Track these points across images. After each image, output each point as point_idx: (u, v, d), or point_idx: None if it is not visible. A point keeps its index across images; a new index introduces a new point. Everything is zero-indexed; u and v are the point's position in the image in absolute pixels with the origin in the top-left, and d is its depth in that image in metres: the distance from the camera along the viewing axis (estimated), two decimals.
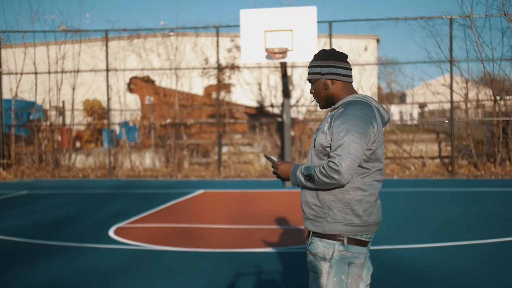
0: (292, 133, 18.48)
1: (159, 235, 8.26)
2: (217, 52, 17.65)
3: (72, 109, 19.36)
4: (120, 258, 6.80)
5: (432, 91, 17.80)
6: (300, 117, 19.11)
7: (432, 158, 17.94)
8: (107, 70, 18.09)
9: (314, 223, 3.02)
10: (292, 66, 18.50)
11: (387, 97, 23.45)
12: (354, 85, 18.30)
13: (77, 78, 19.20)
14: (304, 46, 13.11)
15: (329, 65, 3.06)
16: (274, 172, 3.13)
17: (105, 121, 20.21)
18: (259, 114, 19.47)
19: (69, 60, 19.28)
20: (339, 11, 54.89)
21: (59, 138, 20.27)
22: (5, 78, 19.19)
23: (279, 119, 18.45)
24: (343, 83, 3.10)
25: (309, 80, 3.16)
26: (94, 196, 13.16)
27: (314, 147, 3.03)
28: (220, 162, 17.92)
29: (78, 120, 21.12)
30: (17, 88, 19.11)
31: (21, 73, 19.07)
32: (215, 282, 5.74)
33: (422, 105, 32.96)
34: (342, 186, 2.91)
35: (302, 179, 2.96)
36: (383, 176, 3.09)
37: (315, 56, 3.13)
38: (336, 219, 2.95)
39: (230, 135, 19.28)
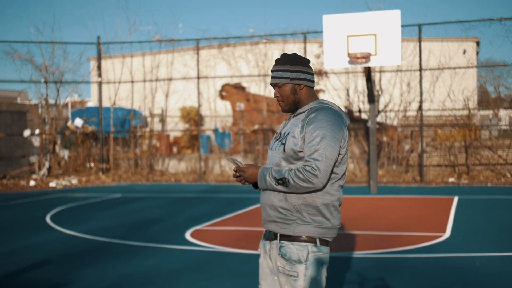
0: (385, 138, 18.20)
1: (233, 237, 8.46)
2: None
3: (166, 115, 20.13)
4: (189, 259, 7.04)
5: None
6: (389, 122, 18.74)
7: None
8: (198, 77, 18.67)
9: (282, 226, 3.02)
10: (381, 71, 18.23)
11: (494, 102, 22.43)
12: (445, 89, 17.77)
13: (170, 85, 19.97)
14: (387, 51, 12.92)
15: (298, 70, 3.08)
16: (236, 176, 3.11)
17: (203, 128, 20.83)
18: (349, 119, 19.30)
19: (162, 69, 20.10)
20: (430, 14, 52.44)
21: (157, 144, 21.16)
22: (104, 87, 20.29)
23: (368, 125, 18.21)
24: (308, 89, 3.13)
25: (275, 84, 3.13)
26: (181, 200, 13.62)
27: (284, 151, 3.02)
28: None
29: (171, 126, 21.90)
30: (115, 96, 20.16)
31: (119, 82, 20.10)
32: None
33: None
34: (318, 190, 2.95)
35: (273, 183, 2.97)
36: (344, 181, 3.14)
37: (280, 60, 3.12)
38: (306, 221, 2.98)
39: None
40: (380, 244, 7.71)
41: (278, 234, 3.05)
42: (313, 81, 3.16)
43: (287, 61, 3.10)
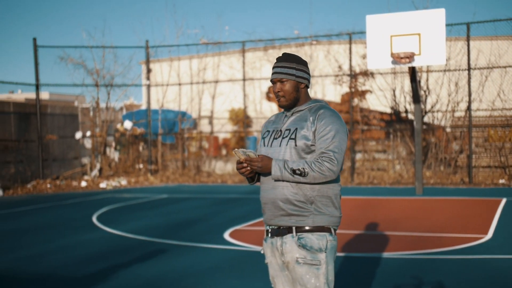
0: (433, 139, 17.91)
1: None
2: (350, 59, 17.65)
3: (212, 117, 20.39)
4: (224, 258, 7.15)
5: None
6: (437, 122, 18.43)
7: None
8: (244, 79, 18.84)
9: (298, 219, 3.15)
10: (428, 71, 17.95)
11: None
12: (495, 88, 17.37)
13: (216, 88, 20.24)
14: (432, 50, 12.72)
15: (303, 69, 3.28)
16: (242, 167, 3.17)
17: (249, 129, 20.99)
18: (396, 120, 19.07)
19: (209, 71, 20.38)
20: (479, 12, 50.47)
21: (206, 145, 21.46)
22: (152, 89, 20.71)
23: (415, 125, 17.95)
24: (307, 88, 3.34)
25: (279, 79, 3.24)
26: (226, 201, 13.78)
27: (296, 145, 3.15)
28: (354, 169, 17.86)
29: (218, 128, 22.14)
30: (163, 98, 20.55)
31: (167, 85, 20.49)
32: None
33: None
34: (332, 181, 3.16)
35: (288, 173, 3.08)
36: None
37: (286, 58, 3.27)
38: (322, 212, 3.15)
39: (363, 141, 19.13)
40: (418, 245, 7.63)
41: (294, 228, 3.17)
42: (310, 82, 3.36)
43: (293, 59, 3.28)
